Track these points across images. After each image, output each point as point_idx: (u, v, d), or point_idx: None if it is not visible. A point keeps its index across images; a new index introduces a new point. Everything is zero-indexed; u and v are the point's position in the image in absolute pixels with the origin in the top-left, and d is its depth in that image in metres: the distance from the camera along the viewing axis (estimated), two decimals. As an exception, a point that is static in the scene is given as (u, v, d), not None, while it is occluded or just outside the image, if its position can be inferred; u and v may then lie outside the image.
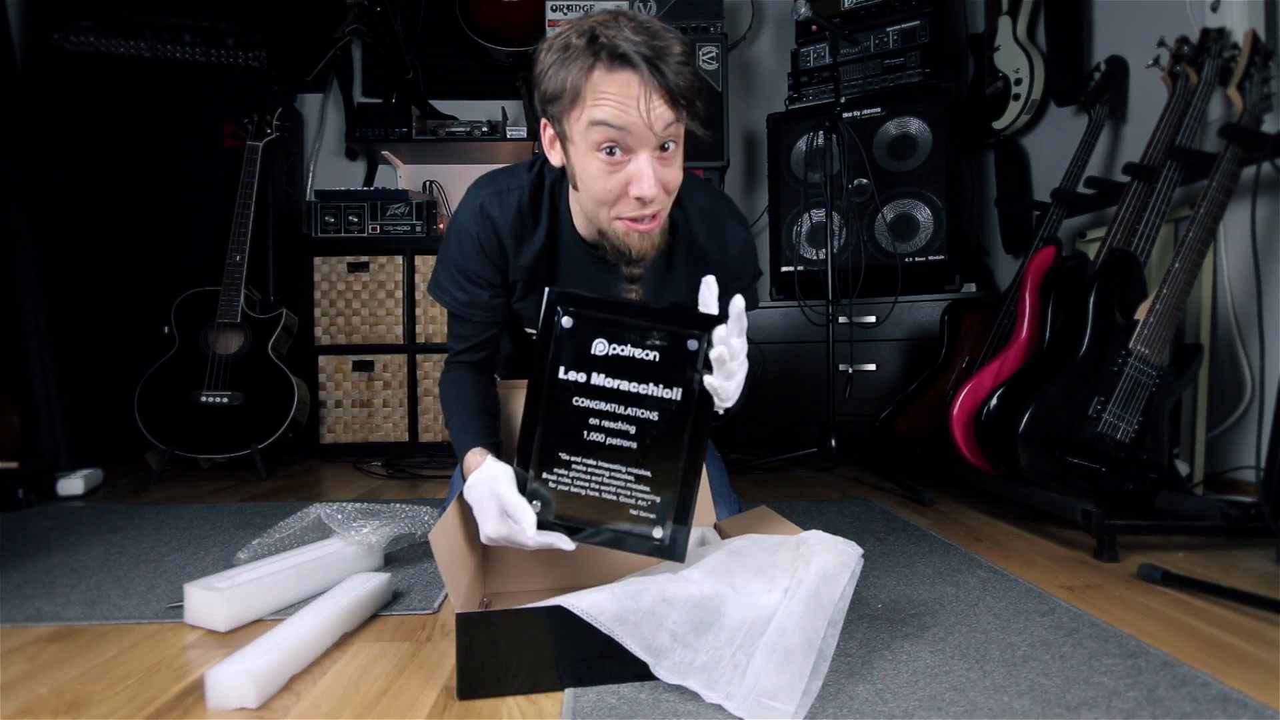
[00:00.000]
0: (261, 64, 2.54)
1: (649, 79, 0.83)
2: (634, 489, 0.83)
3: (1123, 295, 1.44)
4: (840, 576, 0.77)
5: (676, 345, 0.82)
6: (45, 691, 0.78)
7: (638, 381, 0.82)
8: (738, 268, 1.10)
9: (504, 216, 1.02)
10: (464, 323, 1.10)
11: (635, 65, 0.83)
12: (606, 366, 0.82)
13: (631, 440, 0.83)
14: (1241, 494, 1.53)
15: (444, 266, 1.08)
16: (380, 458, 2.44)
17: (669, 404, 0.82)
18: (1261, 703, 0.71)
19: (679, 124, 0.89)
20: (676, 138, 0.90)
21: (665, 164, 0.89)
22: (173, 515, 1.62)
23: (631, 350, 0.82)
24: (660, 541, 0.83)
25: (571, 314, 0.83)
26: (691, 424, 0.82)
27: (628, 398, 0.82)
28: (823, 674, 0.72)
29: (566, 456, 0.84)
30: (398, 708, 0.73)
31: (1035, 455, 1.38)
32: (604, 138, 0.86)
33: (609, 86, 0.84)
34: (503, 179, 1.05)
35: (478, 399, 1.07)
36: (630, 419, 0.82)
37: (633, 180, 0.88)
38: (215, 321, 2.19)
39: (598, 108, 0.85)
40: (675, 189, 0.93)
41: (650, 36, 0.85)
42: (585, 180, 0.91)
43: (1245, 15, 1.55)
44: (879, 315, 2.35)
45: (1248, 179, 1.45)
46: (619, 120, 0.85)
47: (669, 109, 0.85)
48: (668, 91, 0.84)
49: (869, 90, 2.49)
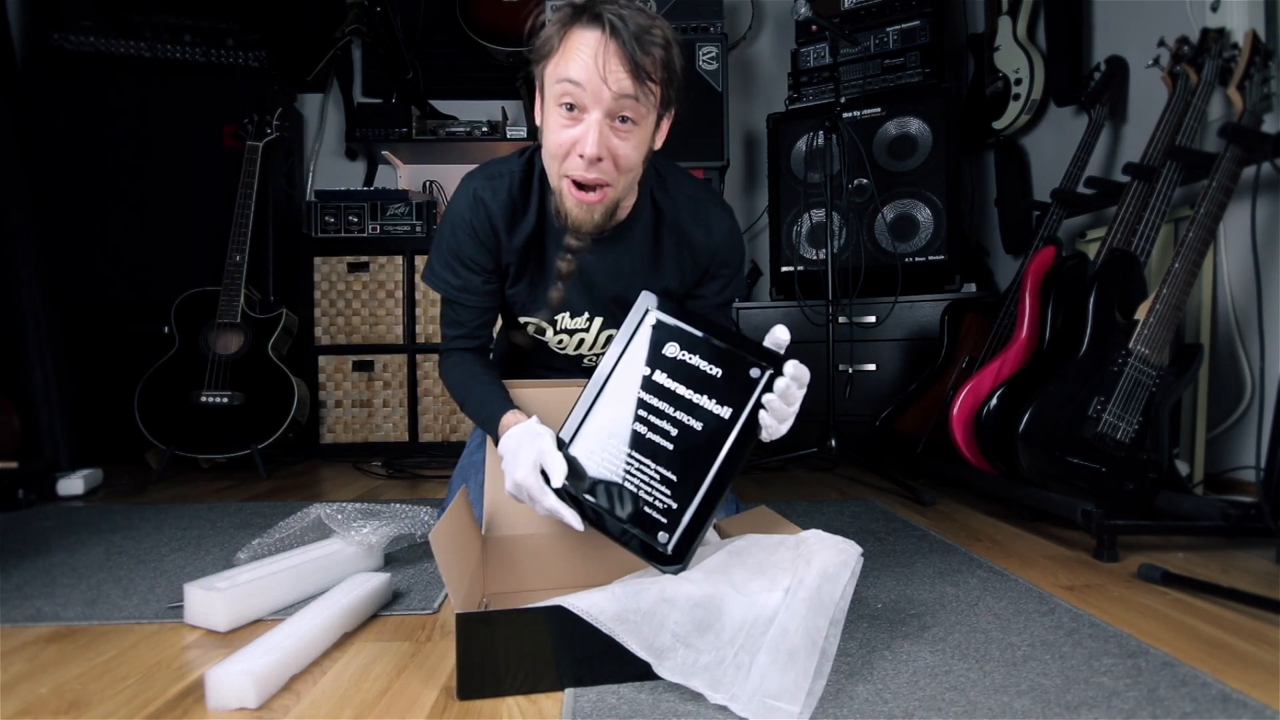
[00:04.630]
0: (261, 64, 2.53)
1: (612, 42, 0.88)
2: (655, 488, 0.85)
3: (1123, 295, 1.44)
4: (841, 576, 0.77)
5: (740, 369, 0.85)
6: (45, 691, 0.78)
7: (695, 390, 0.86)
8: (724, 255, 1.13)
9: (496, 201, 1.05)
10: (459, 308, 1.12)
11: (605, 27, 0.88)
12: (672, 368, 0.87)
13: (669, 441, 0.85)
14: (1241, 494, 1.53)
15: (438, 253, 1.10)
16: (380, 458, 2.45)
17: (715, 419, 0.84)
18: (1261, 703, 0.71)
19: (639, 102, 0.91)
20: (636, 115, 0.92)
21: (620, 136, 0.92)
22: (173, 515, 1.62)
23: (699, 361, 0.87)
24: (663, 548, 0.83)
25: (660, 314, 0.90)
26: (730, 445, 0.84)
27: (681, 402, 0.86)
28: (826, 674, 0.72)
29: (607, 436, 0.87)
30: (398, 708, 0.73)
31: (1035, 455, 1.38)
32: (563, 91, 0.90)
33: (577, 42, 0.89)
34: (495, 166, 1.08)
35: (491, 376, 1.10)
36: (675, 421, 0.86)
37: (578, 139, 0.91)
38: (215, 321, 2.19)
39: (565, 62, 0.89)
40: (628, 167, 0.95)
41: (637, 14, 0.89)
42: (545, 133, 0.95)
43: (1245, 15, 1.55)
44: (879, 315, 2.35)
45: (1248, 179, 1.45)
46: (577, 75, 0.88)
47: (629, 79, 0.88)
48: (630, 60, 0.88)
49: (869, 90, 2.49)
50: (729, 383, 0.85)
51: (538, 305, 1.13)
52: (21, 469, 1.77)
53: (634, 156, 0.94)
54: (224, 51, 2.51)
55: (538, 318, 1.15)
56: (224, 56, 2.51)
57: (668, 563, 0.83)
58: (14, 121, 2.13)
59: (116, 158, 2.44)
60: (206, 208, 2.46)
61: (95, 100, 2.43)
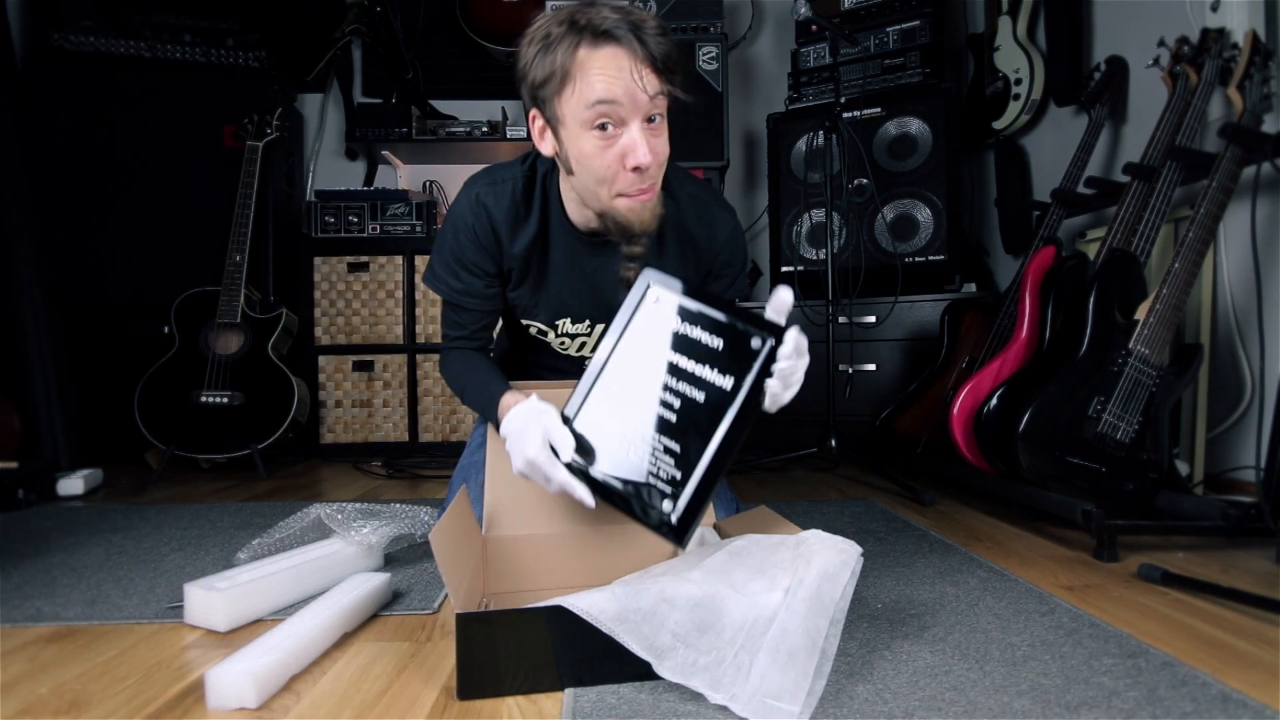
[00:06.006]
0: (261, 64, 2.53)
1: (636, 49, 0.88)
2: (660, 458, 0.85)
3: (1123, 295, 1.44)
4: (841, 575, 0.77)
5: (741, 340, 0.85)
6: (45, 691, 0.77)
7: (696, 361, 0.86)
8: (728, 255, 1.13)
9: (498, 206, 1.06)
10: (460, 310, 1.13)
11: (620, 38, 0.87)
12: (673, 340, 0.88)
13: (673, 413, 0.86)
14: (1241, 494, 1.53)
15: (440, 256, 1.11)
16: (380, 458, 2.44)
17: (718, 390, 0.84)
18: (1261, 703, 0.71)
19: (665, 97, 0.92)
20: (662, 110, 0.93)
21: (655, 135, 0.93)
22: (173, 515, 1.62)
23: (700, 333, 0.87)
24: (667, 516, 0.83)
25: (661, 289, 0.90)
26: (733, 415, 0.83)
27: (684, 374, 0.86)
28: (826, 674, 0.71)
29: (611, 410, 0.89)
30: (398, 708, 0.73)
31: (1035, 455, 1.38)
32: (598, 114, 0.89)
33: (597, 62, 0.88)
34: (497, 171, 1.09)
35: (490, 365, 1.11)
36: (678, 393, 0.86)
37: (627, 152, 0.91)
38: (215, 321, 2.19)
39: (588, 85, 0.88)
40: (665, 160, 0.96)
41: (626, 13, 0.89)
42: (581, 160, 0.93)
43: (1245, 15, 1.55)
44: (879, 315, 2.35)
45: (1248, 179, 1.45)
46: (610, 94, 0.88)
47: (656, 77, 0.89)
48: (652, 60, 0.88)
49: (869, 90, 2.49)
50: (730, 354, 0.85)
51: (540, 309, 1.14)
52: (21, 469, 1.76)
53: (667, 147, 0.96)
54: (224, 51, 2.51)
55: (540, 321, 1.16)
56: (224, 56, 2.51)
57: (671, 531, 0.83)
58: (14, 121, 2.13)
59: (116, 158, 2.44)
60: (206, 208, 2.46)
61: (95, 100, 2.43)
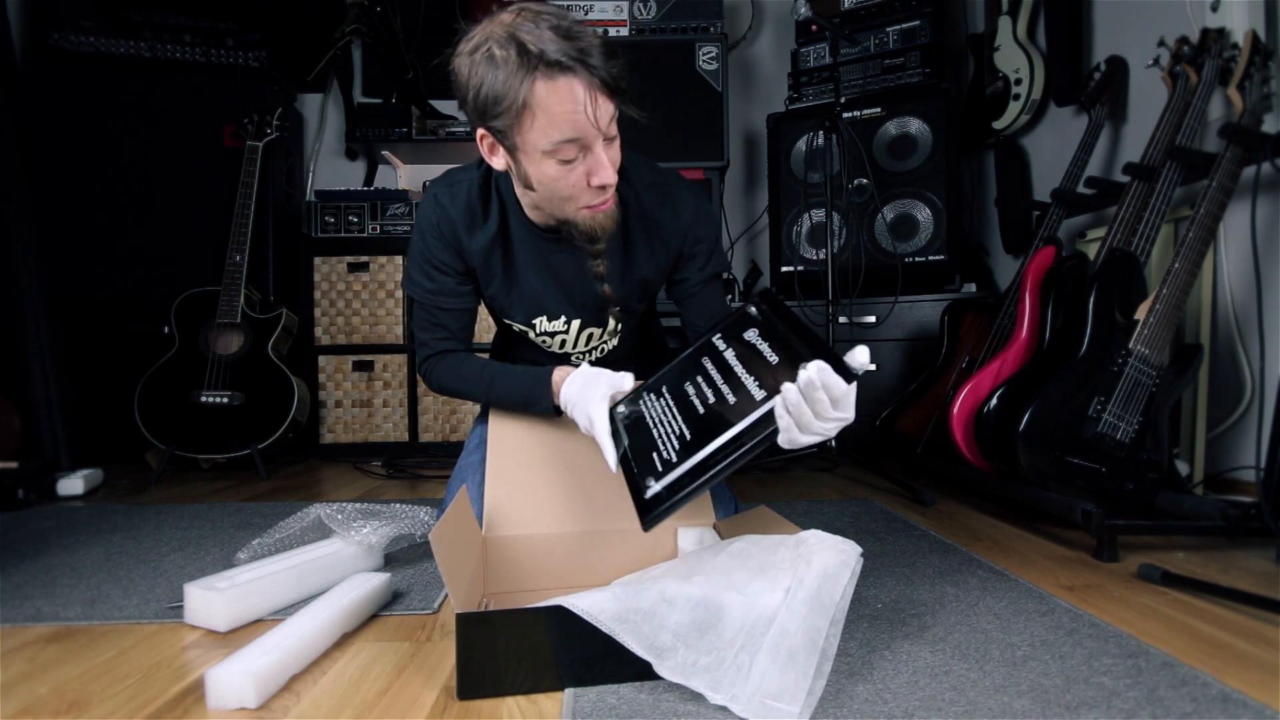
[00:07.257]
0: (261, 64, 2.53)
1: (589, 80, 0.88)
2: (671, 440, 0.86)
3: (1123, 295, 1.44)
4: (841, 576, 0.77)
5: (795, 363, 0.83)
6: (45, 691, 0.77)
7: (747, 370, 0.87)
8: (696, 233, 1.15)
9: (454, 206, 1.09)
10: (440, 312, 1.15)
11: (573, 70, 0.87)
12: (740, 346, 0.91)
13: (703, 405, 0.87)
14: (1241, 494, 1.53)
15: (413, 260, 1.14)
16: (380, 458, 2.44)
17: (748, 398, 0.84)
18: (1261, 703, 0.71)
19: (618, 112, 0.94)
20: (616, 122, 0.95)
21: (611, 148, 0.96)
22: (173, 515, 1.62)
23: (766, 348, 0.88)
24: (645, 490, 0.84)
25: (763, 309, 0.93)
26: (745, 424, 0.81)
27: (730, 375, 0.88)
28: (826, 674, 0.71)
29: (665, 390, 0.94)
30: (398, 708, 0.73)
31: (1035, 455, 1.38)
32: (561, 150, 0.91)
33: (555, 97, 0.88)
34: (454, 174, 1.13)
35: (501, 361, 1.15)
36: (717, 390, 0.88)
37: (592, 172, 0.94)
38: (215, 321, 2.19)
39: (551, 124, 0.89)
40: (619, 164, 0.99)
41: (569, 36, 0.88)
42: (545, 182, 0.96)
43: (1245, 15, 1.55)
44: (879, 315, 2.35)
45: (1248, 179, 1.45)
46: (576, 132, 0.90)
47: (609, 101, 0.91)
48: (605, 84, 0.89)
49: (869, 90, 2.48)
50: (777, 371, 0.84)
51: (515, 308, 1.16)
52: (21, 469, 1.76)
53: (619, 155, 0.99)
54: (224, 51, 2.51)
55: (518, 321, 1.18)
56: (224, 56, 2.51)
57: (639, 506, 0.83)
58: (14, 121, 2.13)
59: (116, 158, 2.44)
60: (206, 208, 2.45)
61: (95, 100, 2.43)
